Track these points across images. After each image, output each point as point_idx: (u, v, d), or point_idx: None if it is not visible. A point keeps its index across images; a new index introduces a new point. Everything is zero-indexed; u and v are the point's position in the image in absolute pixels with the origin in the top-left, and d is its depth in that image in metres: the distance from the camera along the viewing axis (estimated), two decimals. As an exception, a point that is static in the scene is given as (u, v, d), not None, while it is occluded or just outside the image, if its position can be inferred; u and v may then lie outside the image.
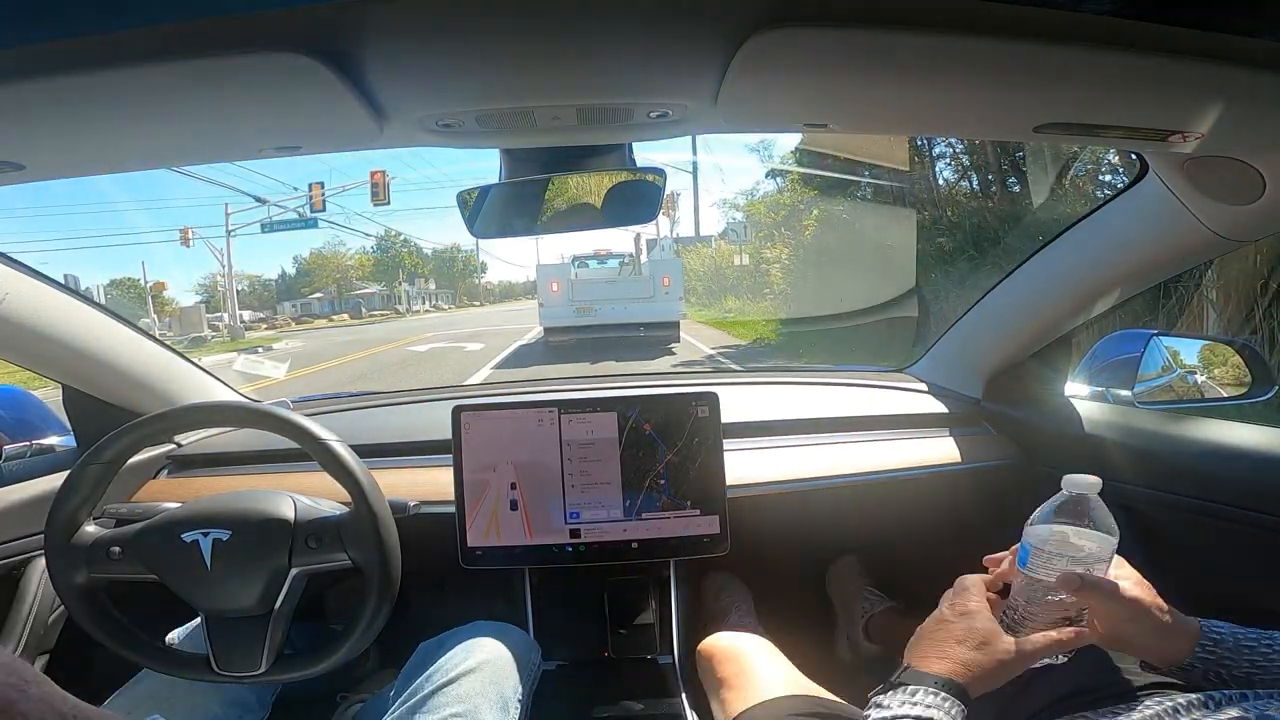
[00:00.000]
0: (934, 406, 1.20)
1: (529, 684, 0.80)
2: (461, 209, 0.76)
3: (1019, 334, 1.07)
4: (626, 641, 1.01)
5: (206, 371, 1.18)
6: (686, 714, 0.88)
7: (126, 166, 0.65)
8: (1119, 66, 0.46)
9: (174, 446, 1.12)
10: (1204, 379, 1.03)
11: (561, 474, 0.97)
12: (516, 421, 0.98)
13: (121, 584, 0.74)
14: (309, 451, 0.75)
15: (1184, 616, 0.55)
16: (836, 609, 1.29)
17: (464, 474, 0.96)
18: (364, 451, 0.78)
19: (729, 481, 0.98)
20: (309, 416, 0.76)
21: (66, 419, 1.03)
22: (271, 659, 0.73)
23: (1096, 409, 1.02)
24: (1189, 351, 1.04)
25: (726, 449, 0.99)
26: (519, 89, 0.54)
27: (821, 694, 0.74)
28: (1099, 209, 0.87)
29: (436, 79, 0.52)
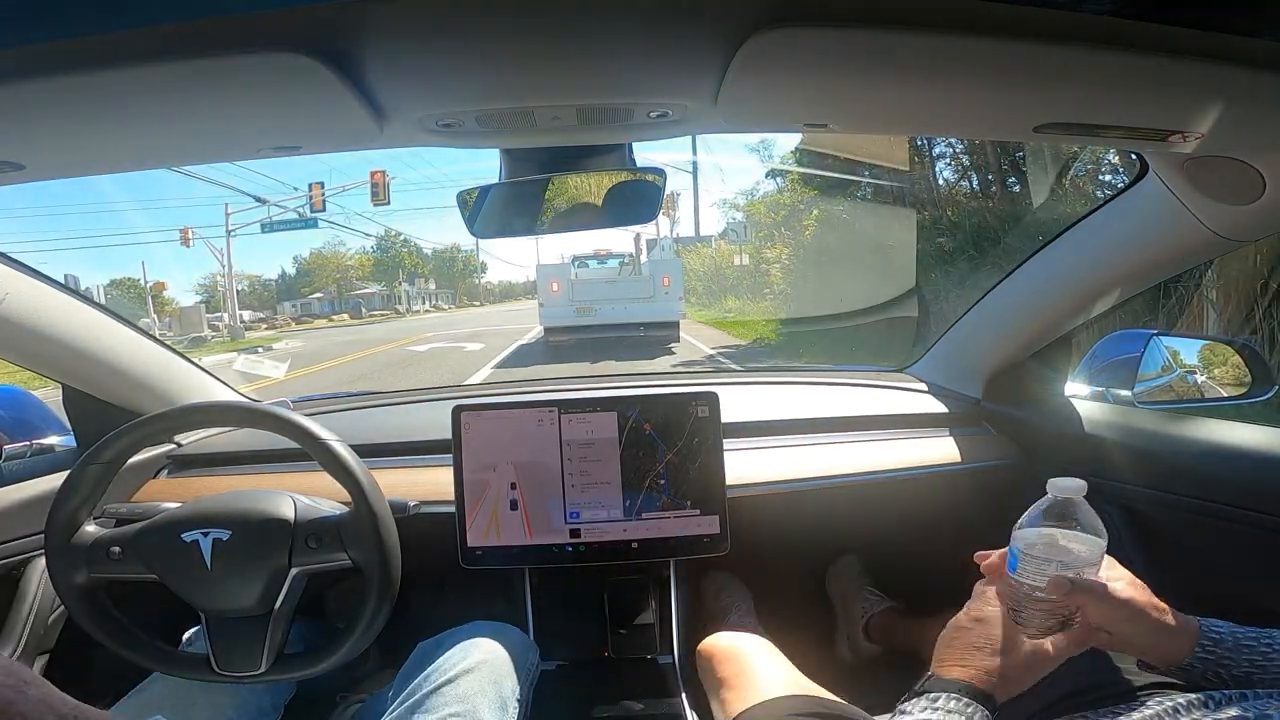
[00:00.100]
0: (934, 406, 1.20)
1: (527, 684, 0.80)
2: (461, 209, 0.77)
3: (1019, 334, 1.07)
4: (626, 641, 1.01)
5: (206, 371, 1.18)
6: (686, 714, 0.88)
7: (126, 166, 0.65)
8: (1119, 66, 0.46)
9: (174, 446, 1.12)
10: (1204, 379, 1.03)
11: (561, 474, 0.97)
12: (516, 421, 0.98)
13: (121, 584, 0.75)
14: (309, 451, 0.75)
15: (1183, 616, 0.55)
16: (836, 609, 1.29)
17: (464, 474, 0.96)
18: (364, 451, 0.78)
19: (729, 481, 0.98)
20: (309, 416, 0.76)
21: (66, 419, 1.03)
22: (271, 659, 0.73)
23: (1096, 409, 1.02)
24: (1189, 351, 1.04)
25: (726, 449, 0.99)
26: (519, 89, 0.54)
27: (821, 694, 0.74)
28: (1099, 209, 0.87)
29: (436, 79, 0.52)
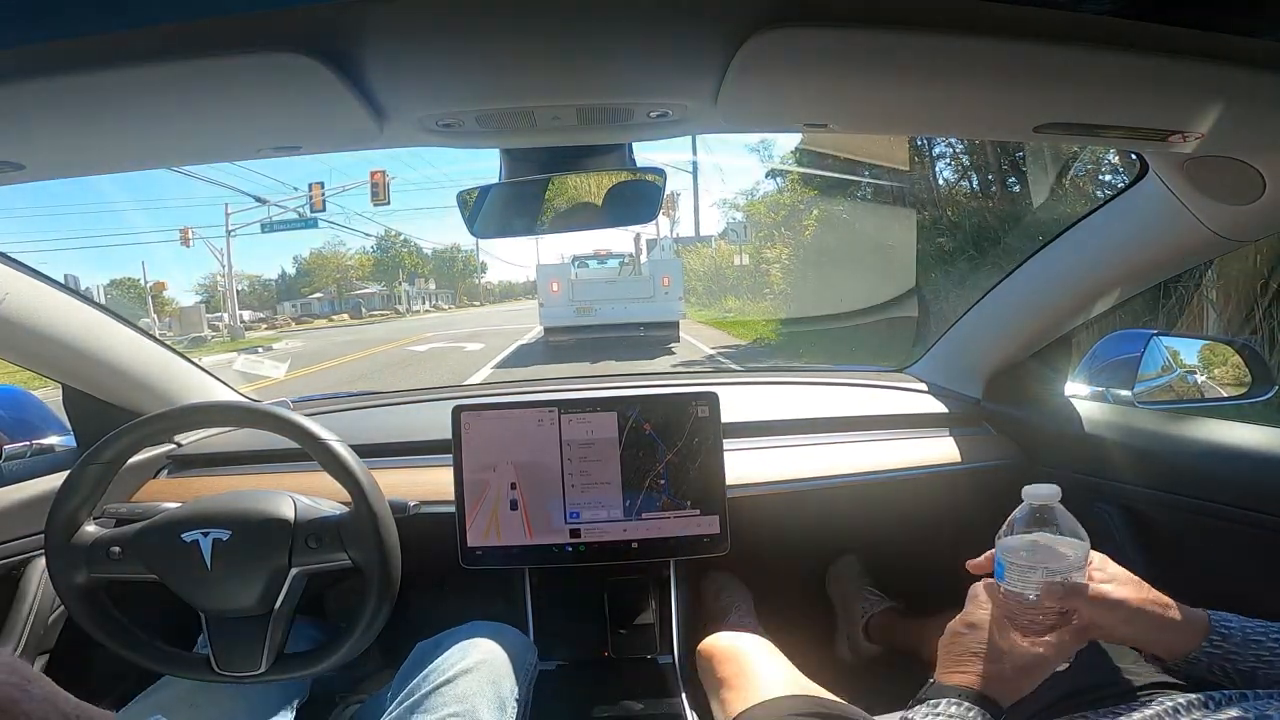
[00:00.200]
0: (934, 406, 1.20)
1: (526, 684, 0.80)
2: (461, 209, 0.77)
3: (1019, 334, 1.07)
4: (626, 641, 1.01)
5: (206, 371, 1.18)
6: (686, 714, 0.88)
7: (126, 166, 0.65)
8: (1119, 66, 0.46)
9: (174, 446, 1.12)
10: (1204, 379, 1.03)
11: (561, 474, 0.97)
12: (516, 421, 0.98)
13: (121, 584, 0.74)
14: (309, 451, 0.75)
15: (1190, 610, 0.55)
16: (836, 609, 1.29)
17: (464, 474, 0.96)
18: (364, 451, 0.78)
19: (729, 481, 0.98)
20: (309, 416, 0.76)
21: (66, 419, 1.03)
22: (271, 659, 0.73)
23: (1096, 409, 1.02)
24: (1189, 351, 1.04)
25: (726, 449, 0.99)
26: (519, 89, 0.54)
27: (821, 694, 0.74)
28: (1099, 209, 0.87)
29: (436, 79, 0.52)
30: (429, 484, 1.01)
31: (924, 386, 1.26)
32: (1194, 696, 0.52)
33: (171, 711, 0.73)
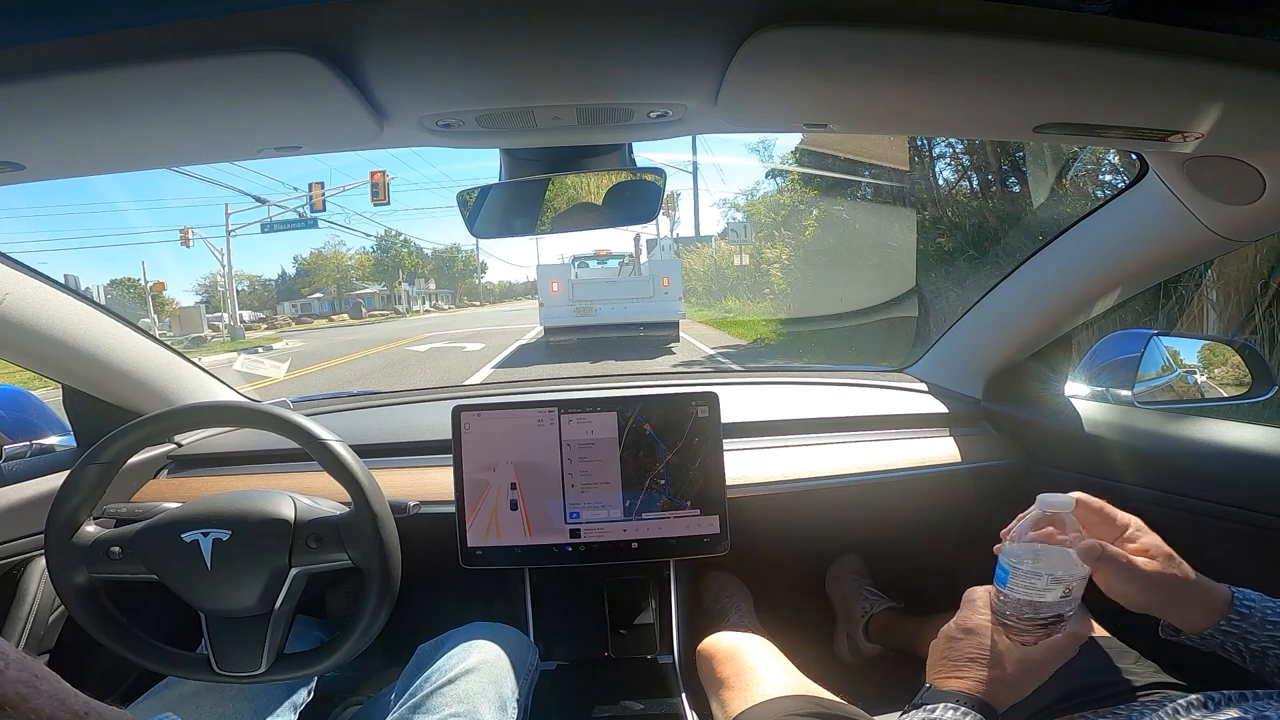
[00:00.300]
0: (934, 406, 1.20)
1: (527, 684, 0.80)
2: (461, 209, 0.77)
3: (1019, 334, 1.07)
4: (626, 641, 1.01)
5: (206, 371, 1.18)
6: (686, 714, 0.88)
7: (126, 166, 0.65)
8: (1119, 66, 0.46)
9: (174, 446, 1.12)
10: (1204, 379, 1.03)
11: (561, 474, 0.97)
12: (516, 421, 0.98)
13: (121, 584, 0.74)
14: (309, 451, 0.75)
15: (1214, 585, 0.55)
16: (836, 609, 1.29)
17: (464, 474, 0.96)
18: (364, 451, 0.78)
19: (729, 481, 0.98)
20: (309, 416, 0.76)
21: (66, 419, 1.03)
22: (271, 659, 0.73)
23: (1096, 409, 1.02)
24: (1189, 351, 1.04)
25: (726, 449, 0.99)
26: (519, 89, 0.54)
27: (821, 694, 0.74)
28: (1099, 209, 0.87)
29: (436, 79, 0.52)
30: (429, 484, 1.01)
31: (924, 386, 1.26)
32: (1194, 697, 0.52)
33: (176, 711, 0.73)
